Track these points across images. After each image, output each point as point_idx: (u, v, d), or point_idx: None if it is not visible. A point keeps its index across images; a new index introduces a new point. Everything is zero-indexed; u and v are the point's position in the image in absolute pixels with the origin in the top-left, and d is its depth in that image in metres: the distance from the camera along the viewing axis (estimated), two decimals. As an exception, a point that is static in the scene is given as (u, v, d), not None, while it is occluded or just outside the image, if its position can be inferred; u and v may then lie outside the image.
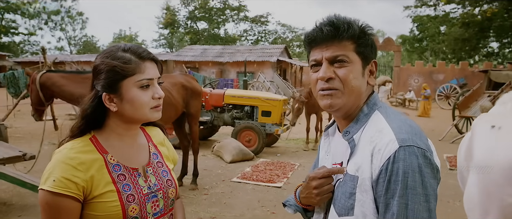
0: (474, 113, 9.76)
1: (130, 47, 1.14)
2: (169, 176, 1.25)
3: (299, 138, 9.08)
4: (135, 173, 1.16)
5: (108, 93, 1.11)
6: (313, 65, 1.07)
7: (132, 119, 1.14)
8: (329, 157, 1.17)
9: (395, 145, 0.93)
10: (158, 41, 48.09)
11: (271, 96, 7.99)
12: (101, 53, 1.15)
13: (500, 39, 29.49)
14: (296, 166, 6.43)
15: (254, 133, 7.22)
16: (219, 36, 44.01)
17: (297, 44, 47.27)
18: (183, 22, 44.15)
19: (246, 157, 6.78)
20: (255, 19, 44.06)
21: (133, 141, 1.21)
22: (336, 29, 1.01)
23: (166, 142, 1.35)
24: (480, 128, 1.83)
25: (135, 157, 1.19)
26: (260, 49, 25.86)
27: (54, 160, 1.07)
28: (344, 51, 1.02)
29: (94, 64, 1.15)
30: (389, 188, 0.92)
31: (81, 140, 1.13)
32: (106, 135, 1.16)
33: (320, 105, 1.07)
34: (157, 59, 1.18)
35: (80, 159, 1.07)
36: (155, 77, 1.14)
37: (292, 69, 26.83)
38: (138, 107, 1.12)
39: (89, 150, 1.11)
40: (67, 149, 1.08)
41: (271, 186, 5.23)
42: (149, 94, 1.13)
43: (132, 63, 1.10)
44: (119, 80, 1.10)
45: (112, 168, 1.12)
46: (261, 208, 4.39)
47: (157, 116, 1.16)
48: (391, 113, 1.06)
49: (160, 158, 1.27)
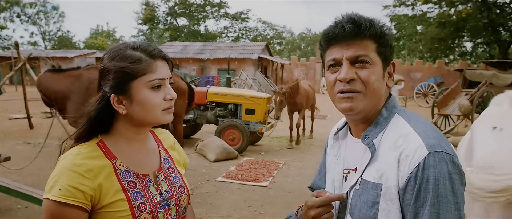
0: (453, 110, 10.01)
1: (140, 45, 1.06)
2: (181, 182, 1.18)
3: (282, 136, 9.06)
4: (146, 180, 1.08)
5: (117, 95, 1.03)
6: (331, 65, 1.00)
7: (142, 121, 1.07)
8: (339, 161, 1.11)
9: (424, 151, 0.88)
10: (136, 37, 47.17)
11: (255, 94, 7.93)
12: (108, 52, 1.06)
13: (473, 39, 30.40)
14: (281, 164, 6.39)
15: (238, 131, 7.15)
16: (200, 33, 43.55)
17: (278, 42, 47.38)
18: (162, 18, 43.46)
19: (230, 155, 6.69)
20: (236, 16, 43.82)
21: (142, 145, 1.13)
22: (358, 27, 0.95)
23: (176, 146, 1.28)
24: (481, 129, 1.82)
25: (146, 163, 1.12)
26: (241, 46, 25.74)
27: (59, 167, 0.99)
28: (366, 51, 0.96)
29: (101, 64, 1.06)
30: (419, 196, 0.87)
31: (88, 144, 1.05)
32: (114, 139, 1.08)
33: (338, 108, 1.00)
34: (168, 57, 1.10)
35: (87, 166, 0.99)
36: (166, 77, 1.07)
37: (273, 67, 26.85)
38: (149, 110, 1.04)
39: (97, 155, 1.03)
40: (73, 155, 1.00)
41: (257, 185, 5.17)
42: (160, 96, 1.05)
43: (143, 63, 1.02)
44: (129, 81, 1.02)
45: (121, 174, 1.04)
46: (248, 208, 4.32)
47: (169, 118, 1.08)
48: (412, 116, 1.01)
49: (171, 163, 1.20)
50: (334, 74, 1.00)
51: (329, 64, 1.01)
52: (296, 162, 6.65)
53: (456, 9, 26.58)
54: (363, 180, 0.98)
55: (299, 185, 5.29)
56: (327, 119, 12.86)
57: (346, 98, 0.97)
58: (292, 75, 28.94)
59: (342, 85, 0.97)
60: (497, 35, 26.63)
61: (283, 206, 4.43)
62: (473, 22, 26.52)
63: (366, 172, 0.98)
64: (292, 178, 5.63)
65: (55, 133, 8.76)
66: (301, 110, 8.22)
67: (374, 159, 0.97)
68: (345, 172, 1.08)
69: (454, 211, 0.85)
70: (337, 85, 0.99)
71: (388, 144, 0.96)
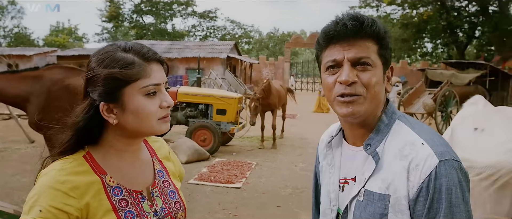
0: (417, 109, 10.38)
1: (132, 46, 0.94)
2: (177, 197, 1.07)
3: (253, 136, 9.02)
4: (139, 197, 0.97)
5: (106, 103, 0.91)
6: (330, 66, 0.94)
7: (135, 132, 0.95)
8: (334, 171, 1.06)
9: (434, 160, 0.85)
10: (100, 35, 45.58)
11: (226, 94, 7.84)
12: (96, 54, 0.94)
13: (433, 40, 31.77)
14: (253, 165, 6.35)
15: (209, 132, 7.03)
16: (167, 31, 42.67)
17: (246, 41, 47.35)
18: (128, 16, 42.21)
19: (202, 157, 6.58)
20: (204, 15, 43.31)
21: (135, 158, 1.01)
22: (360, 24, 0.90)
23: (171, 156, 1.16)
24: (462, 129, 1.85)
25: (138, 177, 1.00)
26: (210, 45, 25.46)
27: (39, 184, 0.87)
28: (367, 53, 0.91)
29: (88, 68, 0.94)
30: (432, 207, 0.84)
31: (73, 158, 0.92)
32: (103, 152, 0.96)
33: (338, 113, 0.95)
34: (164, 60, 0.99)
35: (72, 183, 0.87)
36: (162, 82, 0.96)
37: (242, 66, 26.78)
38: (144, 119, 0.92)
39: (84, 170, 0.91)
40: (55, 170, 0.88)
41: (230, 187, 5.10)
42: (156, 103, 0.94)
43: (136, 67, 0.91)
44: (121, 88, 0.90)
45: (111, 191, 0.92)
46: (223, 210, 4.25)
47: (165, 128, 0.97)
48: (414, 122, 0.98)
49: (166, 176, 1.08)
50: (333, 76, 0.94)
51: (327, 65, 0.95)
52: (268, 162, 6.63)
53: (418, 11, 27.65)
54: (368, 191, 0.93)
55: (273, 185, 5.27)
56: (296, 118, 12.96)
57: (347, 103, 0.92)
58: (261, 75, 29.01)
59: (343, 88, 0.91)
60: (454, 36, 27.99)
61: (257, 208, 4.38)
62: (434, 24, 27.70)
63: (370, 182, 0.93)
64: (265, 179, 5.60)
65: (12, 136, 8.27)
66: (274, 110, 8.20)
67: (378, 168, 0.93)
68: (342, 181, 1.03)
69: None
70: (337, 88, 0.93)
71: (393, 152, 0.92)
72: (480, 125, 1.75)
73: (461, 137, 1.84)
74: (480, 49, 28.68)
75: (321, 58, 0.98)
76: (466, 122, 1.88)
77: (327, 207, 1.05)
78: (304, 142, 8.73)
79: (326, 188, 1.07)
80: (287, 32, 52.54)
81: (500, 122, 1.77)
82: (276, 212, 4.31)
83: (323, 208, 1.07)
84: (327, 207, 1.05)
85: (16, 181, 5.13)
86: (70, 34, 47.98)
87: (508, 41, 23.42)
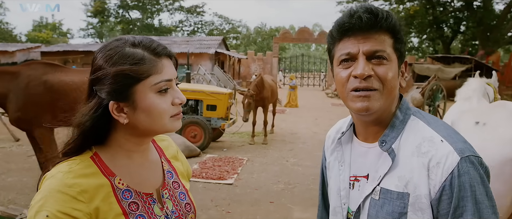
0: (406, 103, 10.47)
1: (141, 41, 0.89)
2: (187, 199, 1.04)
3: (243, 132, 8.98)
4: (149, 199, 0.93)
5: (116, 102, 0.86)
6: (344, 60, 0.91)
7: (147, 131, 0.91)
8: (344, 167, 1.03)
9: (455, 157, 0.83)
10: (86, 31, 44.76)
11: (216, 89, 7.77)
12: (103, 49, 0.88)
13: (420, 35, 32.13)
14: (245, 160, 6.32)
15: (199, 128, 6.97)
16: (154, 27, 42.12)
17: (234, 36, 47.08)
18: (114, 11, 41.50)
19: (192, 153, 6.52)
20: (191, 10, 42.87)
21: (144, 158, 0.97)
22: (375, 17, 0.87)
23: (179, 155, 1.12)
24: (463, 123, 1.85)
25: (148, 179, 0.96)
26: (198, 40, 25.25)
27: (45, 188, 0.81)
28: (383, 46, 0.89)
29: (95, 65, 0.88)
30: (458, 206, 0.82)
31: (80, 159, 0.87)
32: (112, 152, 0.91)
33: (352, 108, 0.92)
34: (173, 54, 0.94)
35: (81, 186, 0.82)
36: (173, 78, 0.91)
37: (230, 61, 26.65)
38: (157, 117, 0.88)
39: (92, 172, 0.86)
40: (62, 173, 0.83)
41: (222, 183, 5.06)
42: (168, 100, 0.89)
43: (147, 63, 0.86)
44: (131, 85, 0.85)
45: (121, 195, 0.88)
46: (215, 207, 4.21)
47: (178, 125, 0.93)
48: (430, 118, 0.96)
49: (176, 177, 1.04)
50: (347, 70, 0.91)
51: (341, 59, 0.92)
52: (259, 158, 6.61)
53: (404, 6, 27.89)
54: (384, 189, 0.91)
55: (265, 181, 5.25)
56: (286, 113, 12.97)
57: (363, 97, 0.89)
58: (249, 70, 28.93)
59: (358, 82, 0.88)
60: (440, 31, 28.34)
61: (251, 204, 4.36)
62: (420, 19, 27.97)
63: (386, 180, 0.91)
64: (257, 174, 5.58)
65: None
66: (266, 105, 8.18)
67: (394, 165, 0.90)
68: (352, 179, 1.00)
69: (492, 215, 0.82)
70: (351, 82, 0.90)
71: (409, 149, 0.90)
72: (481, 119, 1.75)
73: (463, 130, 1.84)
74: (465, 44, 29.15)
75: (334, 51, 0.95)
76: (465, 116, 1.88)
77: (338, 205, 1.03)
78: (294, 137, 8.73)
79: (335, 186, 1.05)
80: (275, 27, 52.47)
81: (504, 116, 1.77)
82: (269, 208, 4.29)
83: (333, 206, 1.05)
84: (338, 205, 1.03)
85: (1, 180, 4.99)
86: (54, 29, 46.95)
87: (492, 36, 23.84)
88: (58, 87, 3.98)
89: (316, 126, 10.45)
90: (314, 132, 9.44)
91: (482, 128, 1.73)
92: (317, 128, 10.08)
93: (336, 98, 19.92)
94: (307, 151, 7.24)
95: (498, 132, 1.64)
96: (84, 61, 21.36)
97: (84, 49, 22.00)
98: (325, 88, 25.23)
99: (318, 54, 52.33)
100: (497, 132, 1.64)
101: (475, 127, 1.75)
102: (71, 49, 21.93)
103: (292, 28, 53.06)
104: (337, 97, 20.22)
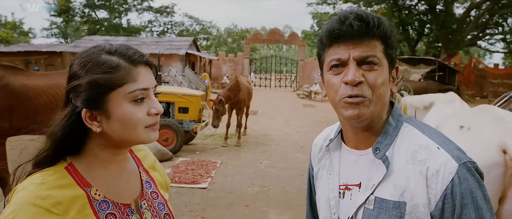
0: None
1: (117, 48, 0.86)
2: (167, 209, 1.01)
3: (216, 134, 8.89)
4: (127, 210, 0.90)
5: (90, 110, 0.83)
6: (334, 65, 0.89)
7: (121, 141, 0.87)
8: (332, 176, 1.01)
9: (454, 164, 0.83)
10: (49, 30, 43.01)
11: (188, 91, 7.65)
12: (79, 57, 0.86)
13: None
14: (218, 163, 6.24)
15: (171, 131, 6.83)
16: (122, 27, 40.99)
17: (205, 37, 46.71)
18: (79, 10, 40.06)
19: (164, 157, 6.37)
20: (160, 10, 42.12)
21: (121, 169, 0.94)
22: (366, 25, 0.86)
23: (157, 165, 1.09)
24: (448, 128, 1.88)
25: (125, 189, 0.93)
26: (168, 41, 24.83)
27: (17, 200, 0.77)
28: (374, 51, 0.87)
29: (70, 72, 0.85)
30: (461, 213, 0.82)
31: (54, 170, 0.83)
32: (87, 162, 0.88)
33: (343, 115, 0.90)
34: (152, 62, 0.91)
35: (55, 198, 0.78)
36: (151, 87, 0.88)
37: (201, 63, 26.39)
38: (131, 127, 0.85)
39: (66, 183, 0.82)
40: (35, 185, 0.79)
41: (196, 188, 4.97)
42: (144, 109, 0.86)
43: (121, 70, 0.84)
44: (105, 94, 0.83)
45: (98, 206, 0.85)
46: (190, 213, 4.12)
47: (154, 137, 0.90)
48: (422, 125, 0.95)
49: (154, 187, 1.02)
50: (338, 76, 0.89)
51: (331, 65, 0.90)
52: (233, 160, 6.55)
53: (372, 9, 28.65)
54: (379, 199, 0.89)
55: (240, 184, 5.21)
56: (258, 115, 12.97)
57: (354, 105, 0.87)
58: (220, 71, 28.77)
59: (350, 90, 0.87)
60: (406, 33, 29.32)
61: (226, 208, 4.30)
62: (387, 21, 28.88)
63: (380, 189, 0.89)
64: (231, 177, 5.52)
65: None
66: (241, 108, 8.13)
67: (388, 173, 0.89)
68: (342, 187, 0.98)
69: (490, 217, 0.84)
70: (344, 89, 0.88)
71: (404, 157, 0.89)
72: (466, 123, 1.79)
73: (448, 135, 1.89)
74: (429, 46, 30.30)
75: (324, 57, 0.93)
76: (449, 120, 1.92)
77: (327, 215, 1.00)
78: (267, 138, 8.74)
79: (325, 195, 1.02)
80: (246, 29, 52.50)
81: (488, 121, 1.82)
82: (245, 211, 4.25)
83: (323, 217, 1.03)
84: (327, 215, 1.00)
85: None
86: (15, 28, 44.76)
87: (453, 39, 24.94)
88: (20, 91, 3.75)
89: (288, 127, 10.51)
90: (287, 133, 9.49)
91: (466, 132, 1.77)
92: (290, 129, 10.14)
93: (307, 99, 20.18)
94: (281, 153, 7.25)
95: (482, 137, 1.68)
96: (48, 62, 20.47)
97: (47, 49, 21.07)
98: (296, 89, 25.54)
99: (289, 55, 52.84)
100: (482, 136, 1.69)
101: (459, 131, 1.80)
102: (33, 50, 20.93)
103: (263, 29, 53.32)
104: (308, 98, 20.50)
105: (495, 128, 1.76)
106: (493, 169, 1.66)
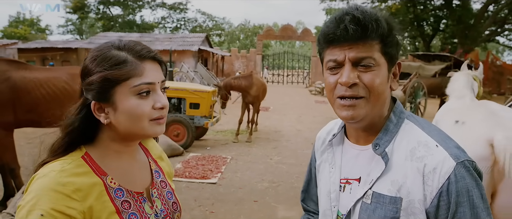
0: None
1: (125, 44, 0.92)
2: (174, 198, 1.07)
3: (227, 130, 8.94)
4: (140, 198, 0.96)
5: (98, 102, 0.89)
6: (331, 67, 0.90)
7: (128, 133, 0.92)
8: (334, 170, 1.02)
9: (451, 162, 0.83)
10: (65, 27, 43.76)
11: (200, 87, 7.70)
12: (92, 51, 0.92)
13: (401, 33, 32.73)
14: (228, 159, 6.28)
15: (182, 126, 6.89)
16: (135, 23, 41.47)
17: (218, 33, 46.85)
18: (94, 7, 40.63)
19: (175, 152, 6.44)
20: (173, 6, 42.41)
21: (132, 159, 1.00)
22: (363, 29, 0.85)
23: (163, 155, 1.16)
24: (445, 122, 1.87)
25: (137, 178, 0.99)
26: (181, 37, 24.99)
27: (38, 186, 0.81)
28: (370, 52, 0.87)
29: (83, 65, 0.92)
30: (456, 211, 0.82)
31: (72, 159, 0.89)
32: (101, 153, 0.93)
33: (338, 115, 0.91)
34: (161, 58, 0.95)
35: (75, 184, 0.84)
36: (157, 82, 0.91)
37: (213, 59, 26.50)
38: (136, 120, 0.89)
39: (84, 171, 0.88)
40: (55, 172, 0.84)
41: (206, 183, 5.01)
42: (149, 103, 0.90)
43: (128, 65, 0.88)
44: (112, 87, 0.88)
45: (114, 193, 0.90)
46: (199, 207, 4.16)
47: (159, 130, 0.94)
48: (423, 122, 0.95)
49: (163, 176, 1.08)
50: (334, 76, 0.90)
51: (328, 66, 0.91)
52: (243, 156, 6.58)
53: (386, 4, 28.26)
54: (376, 193, 0.90)
55: (249, 180, 5.23)
56: (269, 111, 12.97)
57: (347, 107, 0.88)
58: (233, 67, 28.85)
59: (344, 91, 0.88)
60: (421, 29, 28.86)
61: (235, 204, 4.32)
62: (401, 16, 28.40)
63: (378, 184, 0.90)
64: (241, 173, 5.55)
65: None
66: (255, 103, 8.16)
67: (387, 169, 0.89)
68: (343, 181, 0.99)
69: (487, 217, 0.84)
70: (338, 89, 0.89)
71: (403, 153, 0.89)
72: (462, 118, 1.77)
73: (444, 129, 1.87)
74: (445, 42, 29.76)
75: (323, 56, 0.94)
76: (448, 114, 1.90)
77: (327, 208, 1.02)
78: (278, 135, 8.73)
79: (326, 188, 1.04)
80: (258, 25, 52.45)
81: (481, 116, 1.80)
82: (254, 207, 4.27)
83: (323, 209, 1.04)
84: (327, 208, 1.02)
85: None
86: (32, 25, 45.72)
87: (470, 34, 24.41)
88: (20, 84, 3.85)
89: (300, 124, 10.48)
90: (298, 130, 9.47)
91: (460, 126, 1.76)
92: (301, 126, 10.12)
93: (320, 96, 20.06)
94: (291, 149, 7.25)
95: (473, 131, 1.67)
96: (64, 58, 20.87)
97: (63, 46, 21.48)
98: (308, 85, 25.46)
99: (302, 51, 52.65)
100: (473, 131, 1.67)
101: (454, 125, 1.78)
102: (49, 46, 21.37)
103: (275, 26, 53.16)
104: (321, 95, 20.36)
105: (486, 122, 1.75)
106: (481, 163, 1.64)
